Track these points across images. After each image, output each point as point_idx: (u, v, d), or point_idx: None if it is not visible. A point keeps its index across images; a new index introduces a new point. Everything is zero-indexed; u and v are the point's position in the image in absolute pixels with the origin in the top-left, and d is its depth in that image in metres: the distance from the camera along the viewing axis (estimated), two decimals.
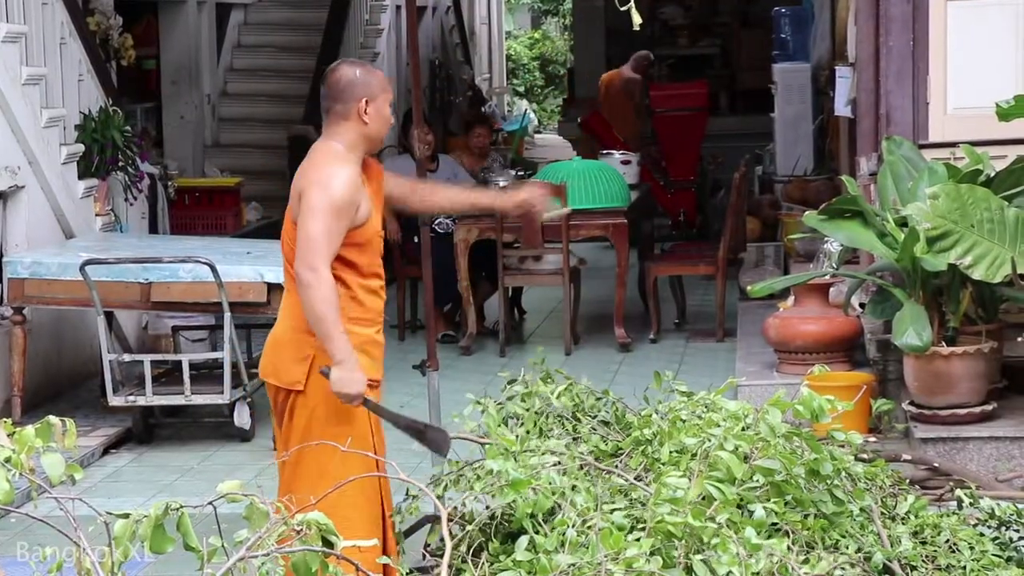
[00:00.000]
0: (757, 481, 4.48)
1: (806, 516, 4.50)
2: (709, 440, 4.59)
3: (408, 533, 5.32)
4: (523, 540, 4.25)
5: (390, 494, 5.09)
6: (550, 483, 4.41)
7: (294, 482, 4.88)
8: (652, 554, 3.99)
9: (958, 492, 5.31)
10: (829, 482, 4.55)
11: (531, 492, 4.41)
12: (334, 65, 5.06)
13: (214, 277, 7.93)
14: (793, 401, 4.66)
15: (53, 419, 3.12)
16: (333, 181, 4.83)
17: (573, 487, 4.49)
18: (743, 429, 4.66)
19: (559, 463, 4.70)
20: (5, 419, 3.21)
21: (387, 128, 5.05)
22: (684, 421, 5.08)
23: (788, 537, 4.29)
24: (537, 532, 4.30)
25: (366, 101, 4.93)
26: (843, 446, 4.93)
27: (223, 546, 3.18)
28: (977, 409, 6.79)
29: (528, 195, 5.43)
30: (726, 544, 4.02)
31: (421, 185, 5.67)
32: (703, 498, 4.20)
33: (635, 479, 4.76)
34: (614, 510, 4.43)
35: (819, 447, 4.58)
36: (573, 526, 4.22)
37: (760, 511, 4.25)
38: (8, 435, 3.10)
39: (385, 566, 4.78)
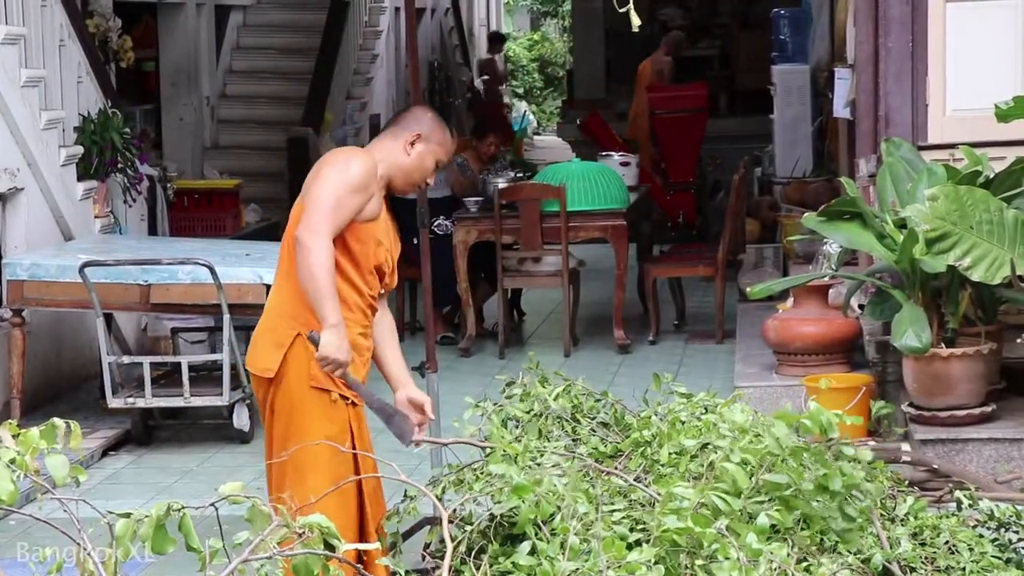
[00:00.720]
0: (764, 495, 4.46)
1: (807, 525, 4.48)
2: (716, 451, 4.58)
3: (407, 535, 5.32)
4: (525, 545, 4.25)
5: (378, 494, 5.05)
6: (552, 488, 4.41)
7: (280, 479, 4.87)
8: (656, 563, 3.99)
9: (957, 494, 5.31)
10: (839, 498, 4.51)
11: (533, 497, 4.41)
12: (420, 103, 5.38)
13: (213, 279, 7.93)
14: (800, 415, 4.63)
15: (58, 421, 3.12)
16: (351, 163, 4.89)
17: (574, 492, 4.48)
18: (750, 441, 4.64)
19: (558, 464, 4.69)
20: (9, 421, 3.21)
21: (421, 178, 5.07)
22: (683, 423, 5.08)
23: (787, 543, 4.27)
24: (539, 537, 4.29)
25: (418, 136, 5.00)
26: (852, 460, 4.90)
27: (224, 547, 3.18)
28: (976, 411, 6.79)
29: (415, 406, 5.18)
30: (727, 550, 4.02)
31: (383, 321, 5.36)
32: (703, 506, 4.19)
33: (634, 480, 4.76)
34: (614, 511, 4.43)
35: (827, 463, 4.54)
36: (575, 532, 4.22)
37: (763, 518, 4.24)
38: (12, 437, 3.10)
39: (372, 566, 4.78)
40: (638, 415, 5.40)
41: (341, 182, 4.82)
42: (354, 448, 4.90)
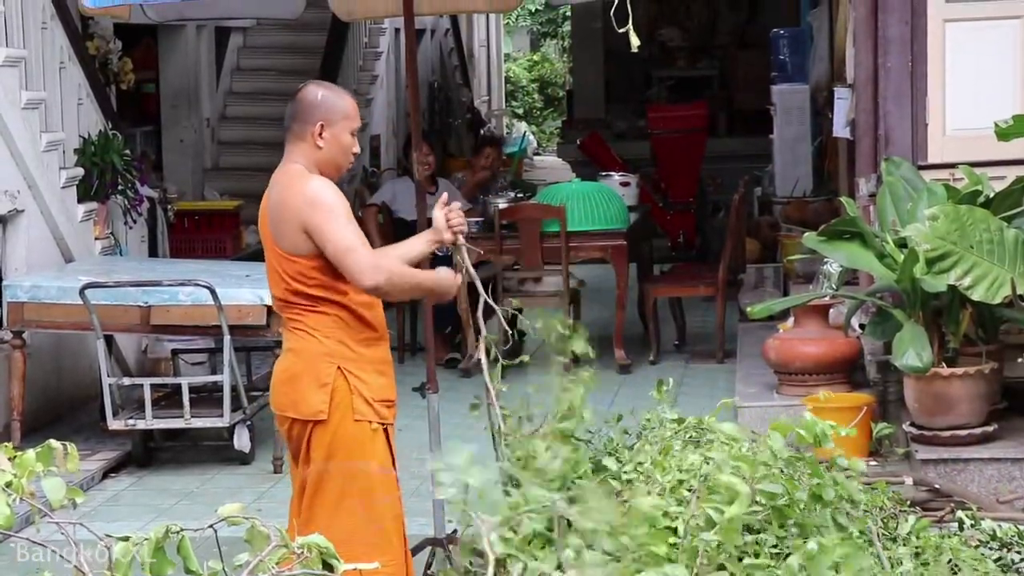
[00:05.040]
0: (760, 504, 4.45)
1: (805, 541, 4.47)
2: (708, 462, 4.57)
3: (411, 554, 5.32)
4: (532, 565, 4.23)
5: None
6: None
7: (312, 512, 4.77)
8: None
9: (959, 513, 5.30)
10: (831, 508, 4.52)
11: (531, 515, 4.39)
12: (303, 84, 4.96)
13: (213, 300, 7.93)
14: (795, 426, 4.63)
15: (54, 443, 3.11)
16: (321, 193, 4.77)
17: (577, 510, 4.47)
18: (740, 450, 4.64)
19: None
20: (5, 443, 3.21)
21: (346, 156, 4.89)
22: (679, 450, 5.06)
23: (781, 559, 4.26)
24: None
25: (322, 125, 4.82)
26: (846, 471, 4.90)
27: (224, 570, 3.17)
28: (978, 430, 6.78)
29: (439, 218, 5.06)
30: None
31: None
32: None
33: None
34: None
35: (821, 472, 4.55)
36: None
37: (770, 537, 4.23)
38: (9, 459, 3.09)
39: None
40: (631, 447, 5.37)
41: (338, 217, 4.71)
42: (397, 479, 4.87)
